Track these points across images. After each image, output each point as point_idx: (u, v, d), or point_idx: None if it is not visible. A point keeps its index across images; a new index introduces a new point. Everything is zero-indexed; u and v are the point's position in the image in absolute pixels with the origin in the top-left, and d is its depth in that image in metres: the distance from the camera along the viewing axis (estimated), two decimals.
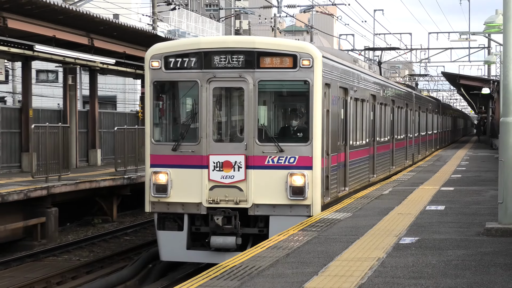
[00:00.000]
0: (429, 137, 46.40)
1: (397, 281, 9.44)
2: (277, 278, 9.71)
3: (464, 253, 11.43)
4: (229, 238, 15.18)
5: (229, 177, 15.47)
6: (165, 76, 16.17)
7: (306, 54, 15.26)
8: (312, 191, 15.39)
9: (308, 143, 15.67)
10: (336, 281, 9.47)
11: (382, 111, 26.73)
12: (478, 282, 9.40)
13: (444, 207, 17.49)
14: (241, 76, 15.46)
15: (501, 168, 13.72)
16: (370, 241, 12.57)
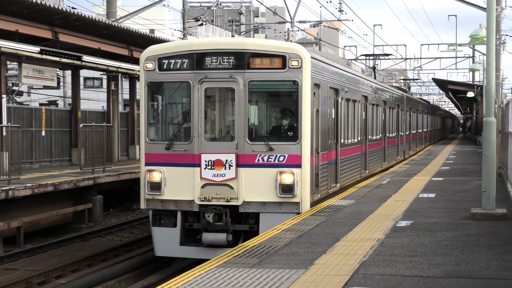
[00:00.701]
0: (419, 134, 45.22)
1: (394, 259, 9.49)
2: (291, 256, 9.76)
3: (452, 235, 11.44)
4: (220, 235, 13.87)
5: (221, 175, 14.05)
6: (159, 77, 14.74)
7: (294, 55, 13.87)
8: (301, 189, 13.98)
9: (297, 142, 14.22)
10: (342, 259, 9.51)
11: (374, 111, 25.03)
12: (465, 260, 9.43)
13: (435, 195, 17.46)
14: (232, 76, 14.07)
15: (484, 161, 13.70)
16: (371, 224, 12.58)
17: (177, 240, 14.34)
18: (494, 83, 14.40)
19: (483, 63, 40.64)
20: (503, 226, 12.37)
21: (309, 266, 9.06)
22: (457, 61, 60.42)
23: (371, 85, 24.48)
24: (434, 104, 79.01)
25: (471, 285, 8.05)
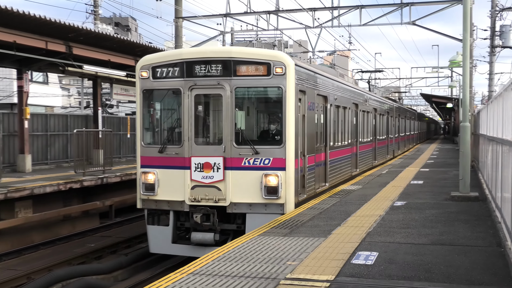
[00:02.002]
0: (408, 136, 43.41)
1: (392, 230, 9.51)
2: (314, 228, 9.78)
3: (437, 212, 11.37)
4: (208, 235, 11.78)
5: (209, 177, 11.83)
6: (153, 85, 12.51)
7: (279, 62, 11.63)
8: (285, 190, 11.65)
9: (281, 145, 11.79)
10: (352, 230, 9.52)
11: (365, 117, 22.28)
12: (447, 231, 9.45)
13: (422, 182, 17.32)
14: (219, 83, 11.82)
15: (461, 156, 13.64)
16: (374, 204, 12.53)
17: (169, 238, 12.32)
18: (468, 97, 14.37)
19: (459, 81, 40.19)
20: (476, 206, 12.31)
21: (328, 235, 9.11)
22: (439, 80, 60.58)
23: (361, 95, 21.87)
24: (421, 112, 78.23)
25: (452, 250, 8.06)
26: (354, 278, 6.65)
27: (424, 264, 7.25)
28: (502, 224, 9.02)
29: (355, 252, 7.90)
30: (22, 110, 21.33)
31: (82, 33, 19.52)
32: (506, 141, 8.37)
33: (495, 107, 11.35)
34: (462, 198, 13.15)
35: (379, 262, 7.36)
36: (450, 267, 7.11)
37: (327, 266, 7.13)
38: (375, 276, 6.73)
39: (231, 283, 6.45)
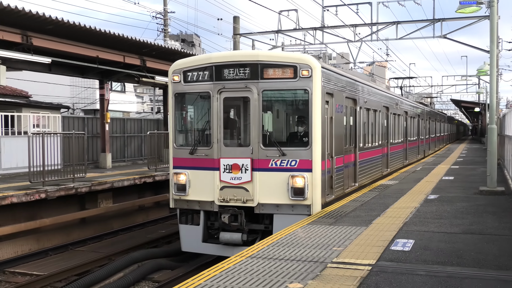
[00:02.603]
0: (438, 137, 41.22)
1: (426, 220, 9.36)
2: (356, 218, 9.71)
3: (466, 205, 11.14)
4: (236, 235, 10.74)
5: (237, 178, 10.78)
6: (184, 88, 11.47)
7: (305, 65, 10.50)
8: (312, 192, 10.50)
9: (308, 147, 10.60)
10: (391, 220, 9.42)
11: (396, 120, 20.54)
12: (476, 221, 9.25)
13: (453, 177, 16.99)
14: (247, 86, 10.76)
15: (488, 155, 13.39)
16: (410, 197, 12.36)
17: (200, 237, 11.32)
18: (495, 102, 14.06)
19: (486, 88, 39.33)
20: (502, 199, 12.03)
21: (369, 224, 9.03)
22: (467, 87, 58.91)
23: (392, 98, 20.12)
24: (451, 115, 76.52)
25: (481, 238, 7.90)
26: (393, 262, 6.61)
27: (456, 251, 7.14)
28: None
29: (393, 239, 7.83)
30: (104, 115, 21.91)
31: (154, 48, 19.88)
32: None
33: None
34: (490, 192, 12.86)
35: (415, 248, 7.28)
36: (479, 253, 6.99)
37: (368, 252, 7.10)
38: (411, 261, 6.66)
39: (284, 265, 6.50)
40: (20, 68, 18.15)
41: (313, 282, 5.83)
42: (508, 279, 5.91)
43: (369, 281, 5.87)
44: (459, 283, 5.76)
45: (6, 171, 17.68)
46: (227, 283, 5.83)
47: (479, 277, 5.98)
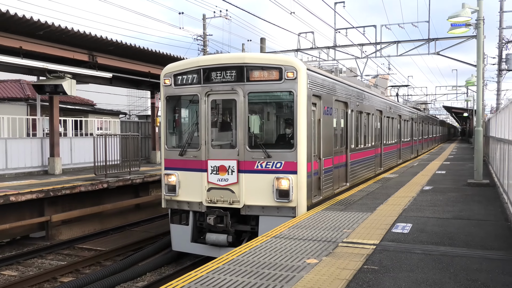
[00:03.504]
0: (431, 138, 39.14)
1: (422, 208, 9.22)
2: (363, 205, 9.62)
3: (456, 195, 10.95)
4: (221, 236, 9.28)
5: (224, 180, 9.26)
6: (174, 92, 9.95)
7: (290, 67, 8.95)
8: (297, 194, 8.92)
9: (292, 149, 8.99)
10: (392, 207, 9.31)
11: (389, 122, 18.57)
12: (465, 209, 9.09)
13: (445, 172, 16.72)
14: (233, 89, 9.22)
15: (475, 153, 13.21)
16: (408, 188, 12.19)
17: (189, 237, 9.85)
18: (481, 108, 13.82)
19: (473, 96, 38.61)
20: (487, 190, 11.79)
21: (373, 211, 8.95)
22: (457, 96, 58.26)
23: (385, 103, 18.01)
24: (442, 119, 75.16)
25: (469, 223, 7.76)
26: (394, 242, 6.53)
27: (448, 233, 7.03)
28: (509, 204, 8.61)
29: (394, 223, 7.75)
30: (154, 120, 22.13)
31: None
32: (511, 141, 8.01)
33: (502, 116, 10.87)
34: (476, 184, 12.63)
35: (413, 231, 7.19)
36: (468, 236, 6.87)
37: (373, 234, 7.03)
38: (410, 241, 6.58)
39: (303, 244, 6.48)
40: (87, 82, 18.45)
41: (327, 258, 5.81)
42: (492, 257, 5.80)
43: (373, 258, 5.82)
44: (450, 260, 5.68)
45: (76, 165, 18.03)
46: (260, 254, 5.83)
47: (468, 256, 5.89)
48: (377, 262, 5.62)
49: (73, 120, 19.59)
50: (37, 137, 16.89)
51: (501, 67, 26.89)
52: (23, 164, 15.95)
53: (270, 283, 4.92)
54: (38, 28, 12.72)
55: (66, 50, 14.65)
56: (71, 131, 19.37)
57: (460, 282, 4.92)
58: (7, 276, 10.05)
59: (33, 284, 9.46)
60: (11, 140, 15.63)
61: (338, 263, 5.58)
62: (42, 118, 18.18)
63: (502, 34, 26.39)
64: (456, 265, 5.49)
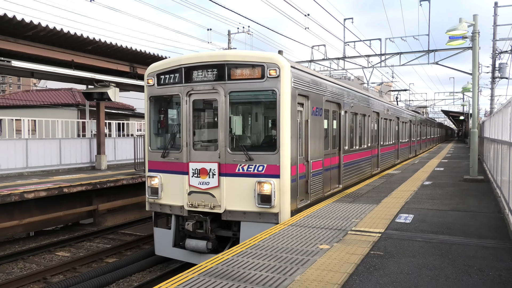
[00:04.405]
0: (429, 139, 36.93)
1: (423, 200, 9.07)
2: (369, 197, 9.50)
3: (454, 189, 10.74)
4: (201, 242, 7.74)
5: (205, 183, 7.72)
6: (157, 92, 8.38)
7: (273, 64, 7.36)
8: (279, 199, 7.32)
9: (275, 152, 7.37)
10: (395, 200, 9.18)
11: (387, 124, 16.69)
12: (461, 202, 8.90)
13: (443, 169, 16.42)
14: (214, 88, 7.66)
15: (471, 152, 12.92)
16: (410, 183, 12.01)
17: (170, 241, 8.31)
18: (476, 111, 13.50)
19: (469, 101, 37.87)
20: (482, 185, 11.52)
21: (379, 203, 8.82)
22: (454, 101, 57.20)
23: (382, 105, 16.07)
24: (440, 122, 73.73)
25: (465, 214, 7.60)
26: (397, 231, 6.44)
27: (446, 223, 6.90)
28: (501, 198, 8.41)
29: (397, 214, 7.64)
30: None
31: None
32: (505, 141, 7.81)
33: (496, 119, 10.61)
34: (472, 180, 12.36)
35: (414, 221, 7.08)
36: (464, 226, 6.73)
37: (379, 223, 6.95)
38: (411, 230, 6.48)
39: (316, 232, 6.44)
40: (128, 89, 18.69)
41: (338, 244, 5.76)
42: (487, 245, 5.67)
43: (379, 244, 5.75)
44: (448, 248, 5.57)
45: (119, 161, 18.29)
46: (280, 239, 5.83)
47: (464, 243, 5.77)
48: (382, 248, 5.55)
49: (116, 123, 19.87)
50: (86, 138, 17.18)
51: (495, 75, 26.36)
52: (74, 160, 16.25)
53: (288, 265, 4.91)
54: (87, 43, 12.94)
55: (110, 62, 14.88)
56: (114, 132, 19.64)
57: (458, 267, 4.82)
58: (61, 257, 10.26)
59: (83, 264, 9.64)
60: (64, 140, 15.95)
61: (347, 249, 5.53)
62: (90, 121, 18.49)
63: (496, 45, 25.86)
64: (454, 252, 5.38)
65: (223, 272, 4.72)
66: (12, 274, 8.99)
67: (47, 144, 15.31)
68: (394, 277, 4.54)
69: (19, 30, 11.17)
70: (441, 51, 19.67)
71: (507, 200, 7.26)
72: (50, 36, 11.90)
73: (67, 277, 8.81)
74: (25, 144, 14.56)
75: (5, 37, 11.28)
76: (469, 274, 4.61)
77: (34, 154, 14.76)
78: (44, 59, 12.83)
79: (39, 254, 10.35)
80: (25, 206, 11.18)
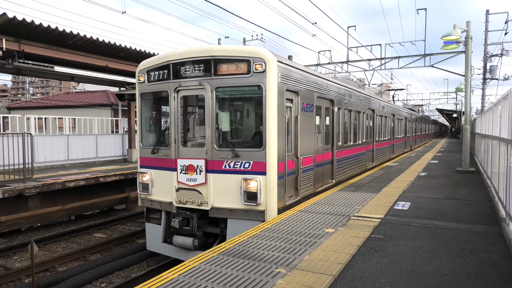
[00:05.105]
0: (424, 135, 35.55)
1: (419, 189, 8.95)
2: (370, 187, 9.41)
3: (447, 179, 10.58)
4: (188, 239, 6.95)
5: (193, 180, 6.95)
6: (148, 88, 7.59)
7: (258, 58, 6.50)
8: (266, 197, 6.52)
9: (261, 148, 6.55)
10: (394, 189, 9.08)
11: (382, 120, 15.64)
12: (454, 191, 8.77)
13: (437, 161, 16.18)
14: (201, 84, 6.85)
15: (463, 146, 12.70)
16: (407, 174, 11.86)
17: (160, 237, 7.59)
18: (468, 110, 13.29)
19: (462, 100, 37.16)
20: (473, 176, 11.33)
21: (379, 192, 8.73)
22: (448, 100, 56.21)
23: (379, 103, 15.07)
24: (435, 119, 72.53)
25: (458, 203, 7.48)
26: (396, 217, 6.38)
27: (440, 210, 6.81)
28: (491, 188, 8.27)
29: (396, 202, 7.56)
30: None
31: None
32: (494, 136, 7.67)
33: (487, 116, 10.41)
34: (464, 171, 12.15)
35: (411, 208, 7.00)
36: (457, 212, 6.63)
37: (379, 210, 6.89)
38: (408, 216, 6.41)
39: (322, 217, 6.41)
40: None
41: (342, 228, 5.74)
42: (478, 230, 5.59)
43: (379, 228, 5.71)
44: (442, 232, 5.50)
45: None
46: (290, 223, 5.83)
47: (457, 228, 5.69)
48: (382, 232, 5.52)
49: None
50: (119, 134, 17.39)
51: (486, 76, 25.85)
52: (108, 154, 16.47)
53: (297, 246, 4.91)
54: (119, 51, 13.05)
55: None
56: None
57: (451, 250, 4.77)
58: (98, 237, 10.43)
59: (117, 244, 9.78)
60: (100, 136, 16.18)
61: (350, 232, 5.50)
62: (122, 119, 18.69)
63: (487, 49, 25.34)
64: (447, 236, 5.32)
65: (239, 252, 4.74)
66: (56, 253, 9.18)
67: (85, 139, 15.55)
68: (393, 258, 4.51)
69: (61, 40, 11.34)
70: (436, 55, 19.34)
71: (496, 190, 7.14)
72: (87, 45, 12.05)
73: (103, 255, 8.96)
74: (67, 140, 14.81)
75: (49, 46, 11.46)
76: (461, 256, 4.55)
77: (74, 148, 15.01)
78: (82, 64, 13.00)
79: (79, 236, 10.53)
80: (67, 194, 11.38)
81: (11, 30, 10.19)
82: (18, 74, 12.78)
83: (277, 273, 4.10)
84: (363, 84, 16.96)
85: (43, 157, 13.94)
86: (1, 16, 9.56)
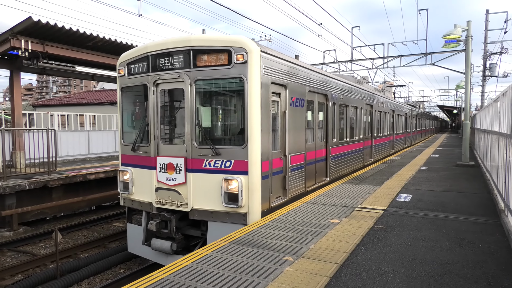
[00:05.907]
0: (424, 130, 34.07)
1: (420, 182, 8.86)
2: (373, 180, 9.33)
3: (448, 173, 10.45)
4: (166, 243, 6.09)
5: (172, 180, 6.05)
6: (128, 82, 6.62)
7: (240, 48, 5.50)
8: (248, 198, 5.59)
9: (243, 146, 5.59)
10: (396, 182, 8.99)
11: (381, 116, 14.56)
12: (454, 184, 8.67)
13: (438, 155, 15.99)
14: (180, 76, 5.93)
15: (463, 141, 12.50)
16: (409, 167, 11.75)
17: (141, 239, 6.71)
18: (468, 106, 13.09)
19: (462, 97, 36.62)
20: (472, 170, 11.17)
21: (381, 184, 8.66)
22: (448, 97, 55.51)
23: (378, 98, 13.99)
24: (435, 115, 71.52)
25: (458, 195, 7.39)
26: (398, 208, 6.32)
27: (440, 202, 6.73)
28: (490, 181, 8.14)
29: (398, 194, 7.49)
30: None
31: None
32: (494, 131, 7.54)
33: (486, 112, 10.24)
34: (464, 165, 11.99)
35: (413, 200, 6.93)
36: (457, 204, 6.55)
37: (381, 201, 6.84)
38: (410, 208, 6.35)
39: (328, 209, 6.38)
40: None
41: (346, 219, 5.71)
42: (477, 222, 5.51)
43: (382, 219, 5.67)
44: (443, 223, 5.44)
45: None
46: (297, 214, 5.82)
47: (457, 220, 5.62)
48: (385, 223, 5.47)
49: None
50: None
51: (485, 74, 25.42)
52: None
53: (304, 236, 4.90)
54: None
55: None
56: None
57: (451, 240, 4.71)
58: (117, 226, 10.54)
59: None
60: (118, 132, 16.26)
61: (354, 223, 5.47)
62: None
63: (487, 48, 24.91)
64: (448, 227, 5.26)
65: (249, 241, 4.74)
66: (78, 240, 9.31)
67: (105, 134, 15.68)
68: (395, 247, 4.47)
69: (82, 41, 11.42)
70: (437, 54, 19.04)
71: (495, 183, 7.04)
72: (106, 46, 12.12)
73: (122, 243, 9.05)
74: (87, 135, 14.95)
75: (71, 47, 11.55)
76: (461, 246, 4.50)
77: (94, 143, 15.15)
78: (102, 64, 13.08)
79: (99, 225, 10.66)
80: (88, 185, 11.51)
81: (36, 33, 10.30)
82: (42, 74, 12.93)
83: (284, 261, 4.09)
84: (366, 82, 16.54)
85: (65, 151, 14.10)
86: (26, 19, 9.65)
